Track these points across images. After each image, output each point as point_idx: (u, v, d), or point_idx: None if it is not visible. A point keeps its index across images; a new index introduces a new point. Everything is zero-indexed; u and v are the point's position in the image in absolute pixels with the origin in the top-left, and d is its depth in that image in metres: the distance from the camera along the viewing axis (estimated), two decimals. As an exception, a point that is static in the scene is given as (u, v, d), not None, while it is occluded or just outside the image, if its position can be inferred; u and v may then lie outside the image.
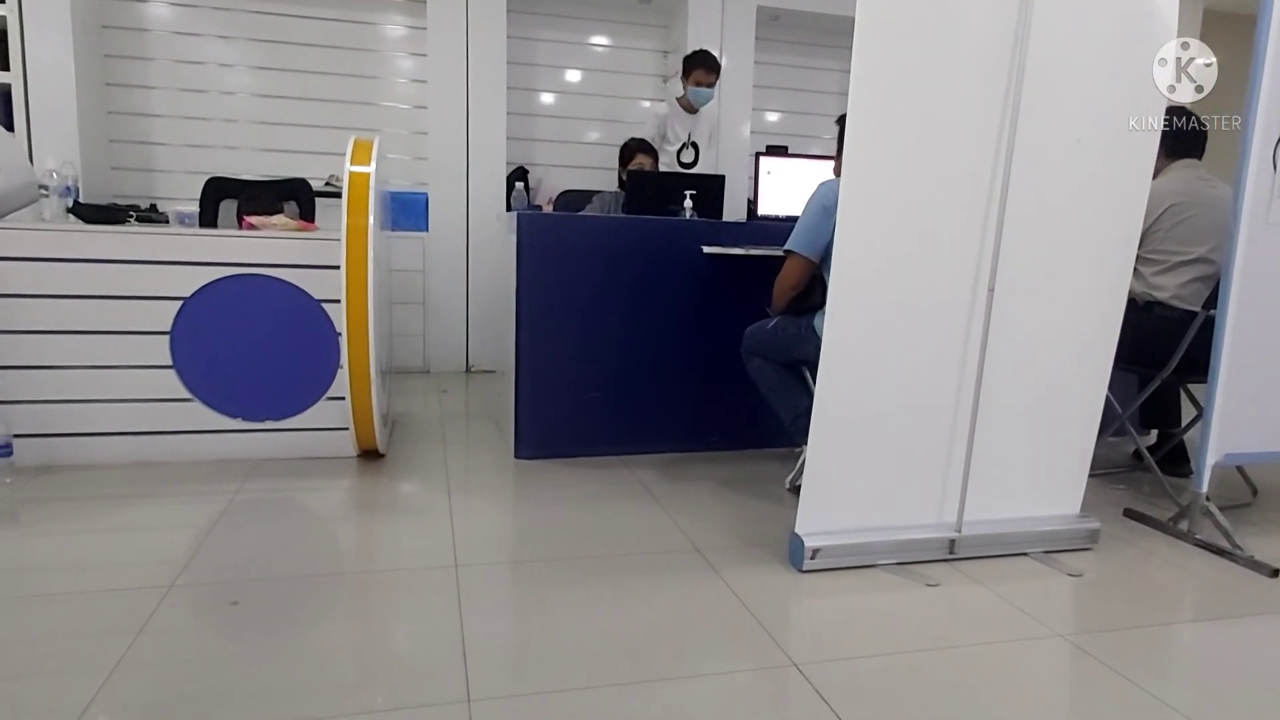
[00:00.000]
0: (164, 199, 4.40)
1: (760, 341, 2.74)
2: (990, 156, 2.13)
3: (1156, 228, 2.86)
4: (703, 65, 4.30)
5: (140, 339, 2.76)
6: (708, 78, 4.31)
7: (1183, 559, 2.40)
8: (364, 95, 4.85)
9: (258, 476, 2.76)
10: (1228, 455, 2.48)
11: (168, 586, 1.95)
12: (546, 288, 3.01)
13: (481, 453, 3.24)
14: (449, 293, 4.82)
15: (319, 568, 2.13)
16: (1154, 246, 2.87)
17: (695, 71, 4.30)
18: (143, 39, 4.54)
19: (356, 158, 2.78)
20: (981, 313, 2.19)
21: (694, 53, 4.38)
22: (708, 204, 3.36)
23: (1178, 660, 1.88)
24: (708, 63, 4.32)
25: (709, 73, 4.31)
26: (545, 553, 2.27)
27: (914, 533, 2.26)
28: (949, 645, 1.83)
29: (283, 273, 2.83)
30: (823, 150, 5.55)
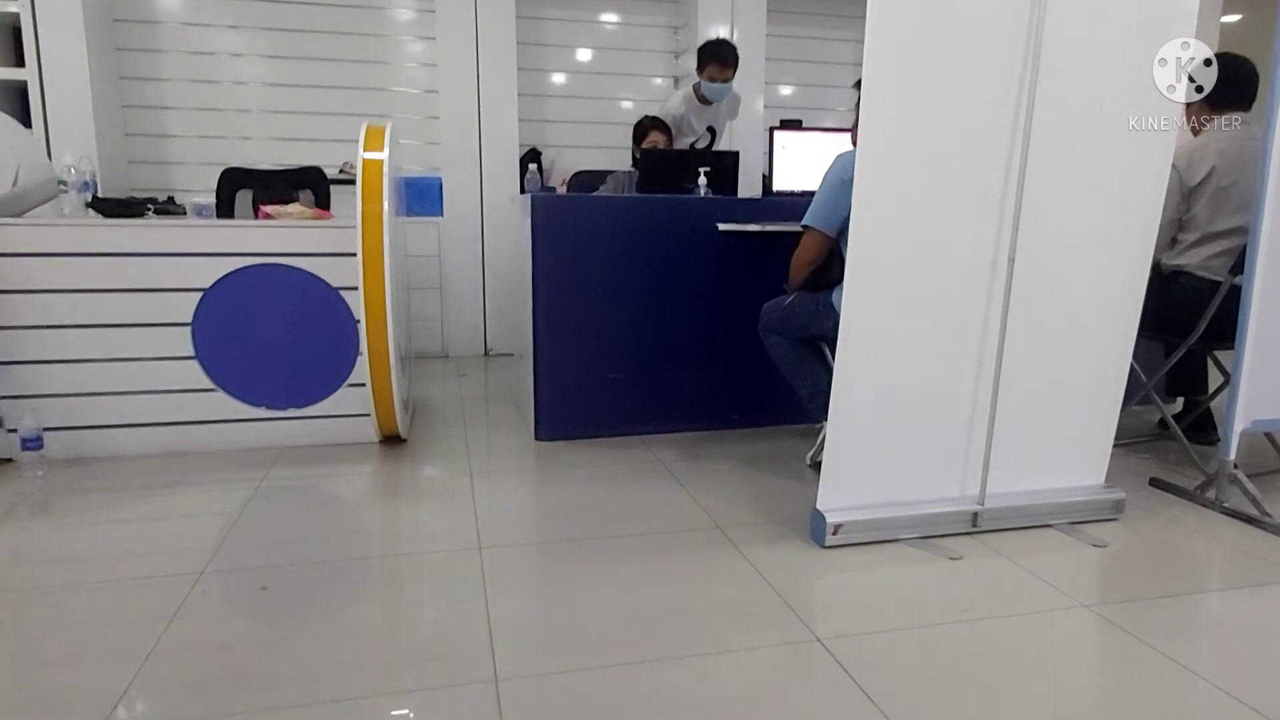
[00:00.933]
0: (180, 191, 4.43)
1: (778, 318, 2.73)
2: (1009, 124, 2.10)
3: (1200, 193, 2.75)
4: (716, 59, 4.09)
5: (163, 330, 2.79)
6: (722, 73, 4.10)
7: (1210, 528, 2.37)
8: (375, 81, 4.85)
9: (282, 464, 2.80)
10: (1255, 422, 2.45)
11: (199, 573, 1.98)
12: (562, 269, 3.01)
13: (502, 435, 3.26)
14: (465, 277, 4.83)
15: (345, 552, 2.15)
16: (1192, 212, 2.79)
17: (709, 66, 4.09)
18: (154, 31, 4.55)
19: (369, 144, 2.78)
20: (1002, 283, 2.17)
21: (707, 44, 4.17)
22: (722, 181, 3.34)
23: (1206, 629, 1.87)
24: (722, 56, 4.10)
25: (723, 68, 4.09)
26: (568, 533, 2.28)
27: (936, 506, 2.26)
28: (973, 618, 1.83)
29: (300, 261, 2.84)
30: (837, 123, 5.49)
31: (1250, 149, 2.72)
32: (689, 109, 4.28)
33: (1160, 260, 2.81)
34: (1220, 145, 2.75)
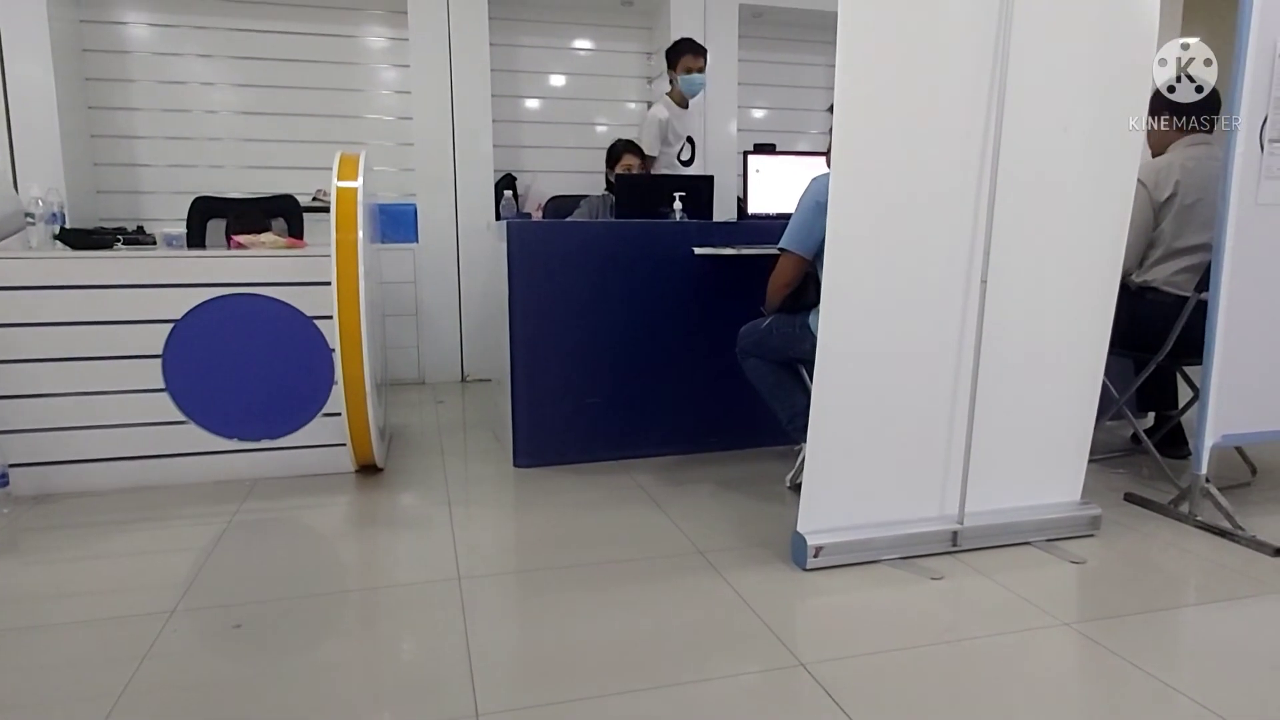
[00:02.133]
0: (151, 220, 4.38)
1: (755, 341, 2.74)
2: (978, 147, 2.13)
3: (1166, 209, 2.81)
4: (689, 51, 4.18)
5: (132, 363, 2.75)
6: (697, 62, 4.18)
7: (1185, 541, 2.40)
8: (348, 109, 4.84)
9: (256, 496, 2.75)
10: (1225, 436, 2.48)
11: (170, 611, 1.94)
12: (539, 295, 3.00)
13: (480, 463, 3.24)
14: (441, 303, 4.81)
15: (321, 586, 2.12)
16: (1159, 228, 2.84)
17: (684, 59, 4.18)
18: (124, 61, 4.52)
19: (343, 173, 2.77)
20: (975, 304, 2.19)
21: (676, 43, 4.27)
22: (698, 205, 3.36)
23: (1184, 644, 1.88)
24: (693, 48, 4.20)
25: (697, 57, 4.18)
26: (548, 561, 2.26)
27: (916, 526, 2.26)
28: (955, 639, 1.83)
29: (273, 291, 2.81)
30: (811, 146, 5.57)
31: (1213, 168, 2.78)
32: (671, 114, 4.34)
33: (1129, 276, 2.86)
34: (1185, 163, 2.82)
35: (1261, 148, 2.35)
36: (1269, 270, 2.42)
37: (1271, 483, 2.93)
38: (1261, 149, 2.35)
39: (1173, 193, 2.78)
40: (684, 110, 4.39)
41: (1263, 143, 2.35)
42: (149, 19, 4.53)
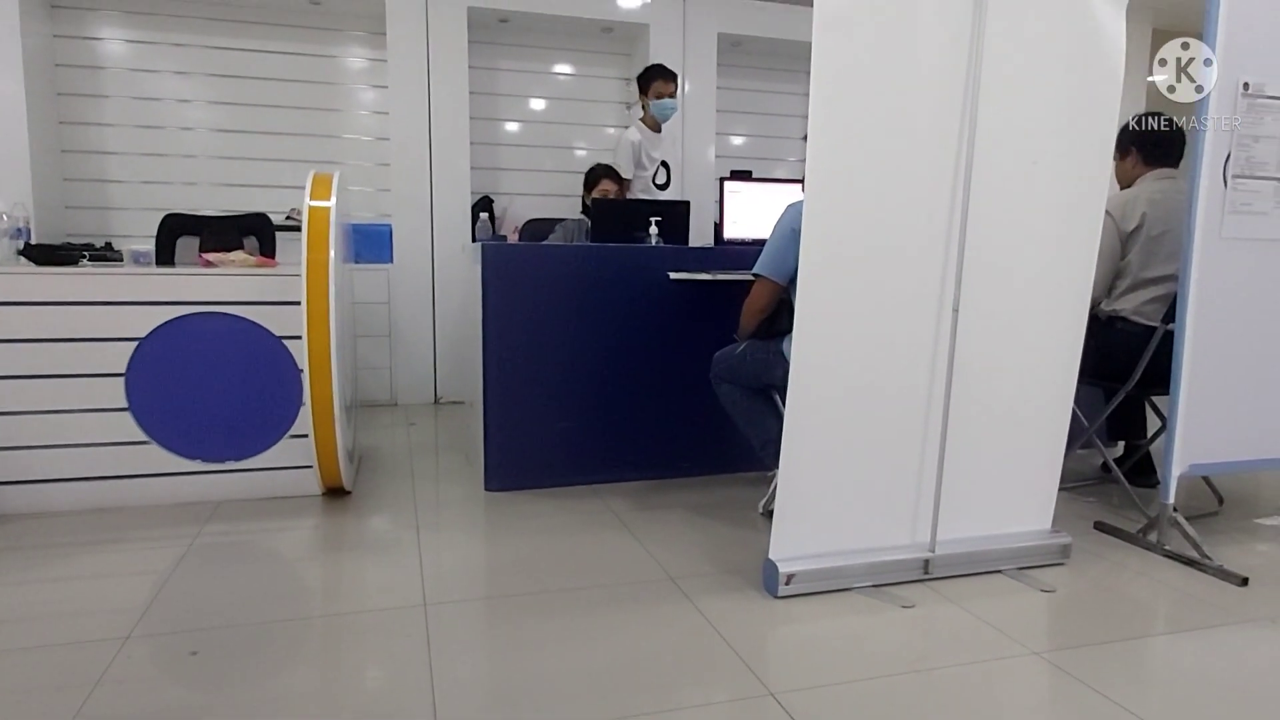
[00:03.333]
0: (121, 237, 4.31)
1: (729, 367, 2.73)
2: (949, 180, 2.15)
3: (1134, 240, 2.85)
4: (659, 77, 4.25)
5: (94, 382, 2.69)
6: (668, 87, 4.25)
7: (1153, 570, 2.41)
8: (325, 128, 4.82)
9: (219, 519, 2.69)
10: (1193, 466, 2.51)
11: (124, 637, 1.88)
12: (513, 318, 2.98)
13: (451, 486, 3.19)
14: (415, 324, 4.77)
15: (282, 612, 2.06)
16: (1126, 259, 2.88)
17: (654, 84, 4.25)
18: (97, 77, 4.48)
19: (316, 192, 2.75)
20: (947, 333, 2.20)
21: (647, 68, 4.33)
22: (673, 230, 3.37)
23: (1152, 674, 1.88)
24: (664, 73, 4.26)
25: (668, 82, 4.25)
26: (516, 587, 2.22)
27: (888, 554, 2.25)
28: (926, 668, 1.82)
29: (242, 310, 2.77)
30: (787, 173, 5.62)
31: (1178, 201, 2.83)
32: (644, 138, 4.37)
33: (1098, 306, 2.90)
34: (1151, 195, 2.87)
35: (1225, 183, 2.40)
36: (1234, 303, 2.46)
37: (1238, 512, 2.96)
38: (1225, 184, 2.40)
39: (1139, 224, 2.83)
40: (657, 135, 4.43)
41: (1226, 178, 2.40)
42: (125, 35, 4.50)
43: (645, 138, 4.38)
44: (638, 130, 4.39)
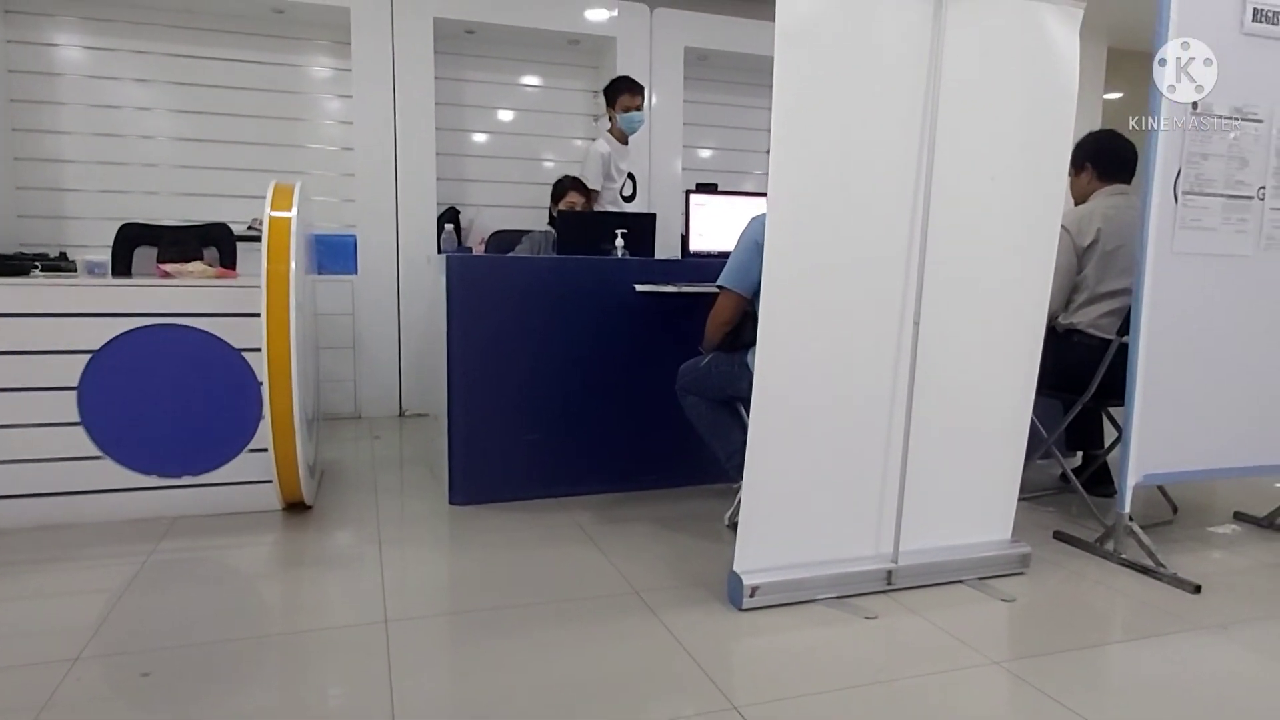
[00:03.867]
0: (76, 247, 4.20)
1: (694, 379, 2.74)
2: (910, 194, 2.18)
3: (1089, 255, 2.91)
4: (626, 90, 4.26)
5: (45, 395, 2.62)
6: (634, 100, 4.26)
7: (1110, 579, 2.45)
8: (290, 138, 4.76)
9: (175, 535, 2.63)
10: (1147, 475, 2.56)
11: (73, 659, 1.83)
12: (478, 330, 2.96)
13: (415, 500, 3.16)
14: (380, 336, 4.72)
15: (238, 631, 2.02)
16: (1083, 273, 2.94)
17: (621, 97, 4.26)
18: (53, 83, 4.39)
19: (277, 203, 2.71)
20: (908, 345, 2.23)
21: (613, 81, 4.35)
22: (639, 242, 3.37)
23: (1108, 682, 1.91)
24: (631, 86, 4.28)
25: (634, 95, 4.26)
26: (480, 603, 2.20)
27: (852, 565, 2.27)
28: (887, 679, 1.83)
29: (199, 322, 2.72)
30: (755, 185, 5.65)
31: (1132, 216, 2.89)
32: (613, 150, 4.38)
33: (1055, 319, 2.95)
34: (1106, 211, 2.93)
35: (1176, 199, 2.46)
36: (1186, 316, 2.52)
37: (1192, 521, 3.03)
38: (1176, 200, 2.46)
39: (1095, 239, 2.89)
40: (625, 147, 4.44)
41: (1177, 195, 2.46)
42: (83, 42, 4.41)
43: (614, 149, 4.39)
44: (606, 142, 4.40)
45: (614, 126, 4.38)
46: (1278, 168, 2.57)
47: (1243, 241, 2.57)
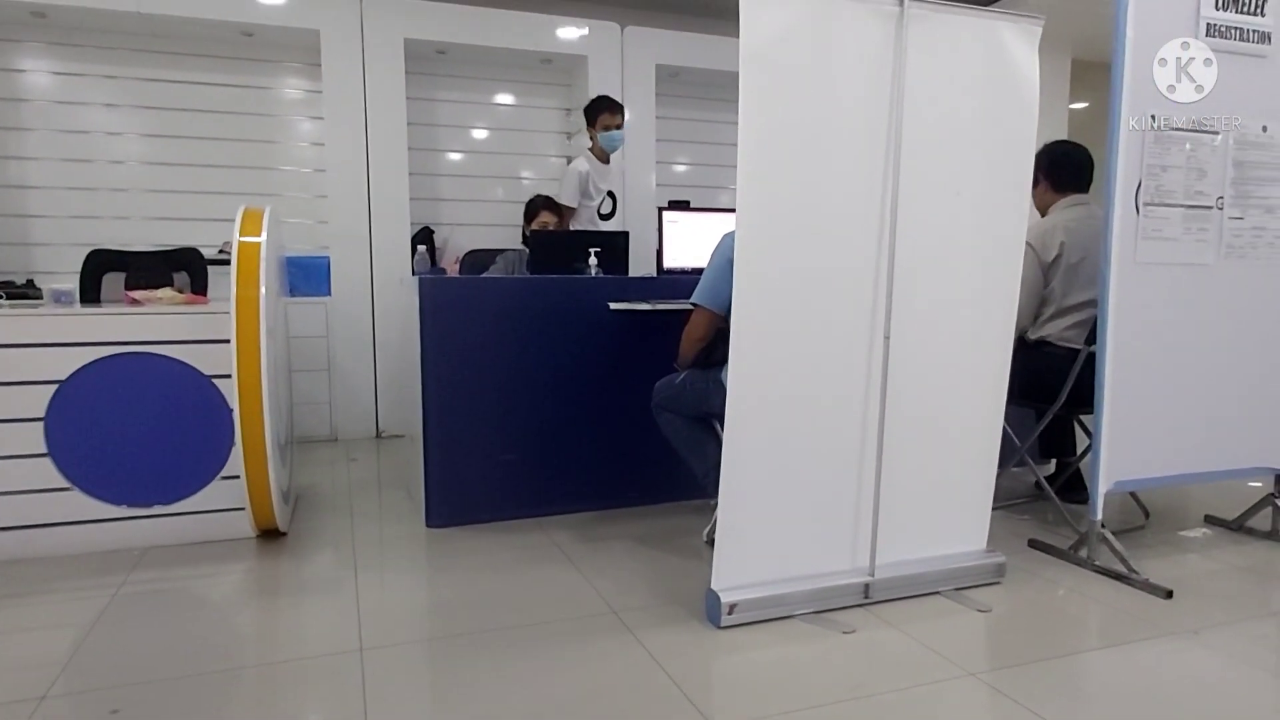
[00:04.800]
0: (43, 274, 4.17)
1: (670, 396, 2.74)
2: (877, 209, 2.21)
3: (1055, 269, 2.95)
4: (606, 109, 4.30)
5: (10, 427, 2.57)
6: (614, 119, 4.30)
7: (1084, 586, 2.47)
8: (261, 160, 4.74)
9: (145, 566, 2.59)
10: (1118, 483, 2.59)
11: (40, 698, 1.80)
12: (452, 351, 2.96)
13: (391, 524, 3.13)
14: (355, 357, 4.68)
15: (210, 664, 1.99)
16: (1050, 287, 2.98)
17: (601, 116, 4.29)
18: (19, 109, 4.34)
19: (246, 228, 2.69)
20: (879, 359, 2.25)
21: (593, 101, 4.38)
22: (613, 260, 3.38)
23: (1083, 690, 1.92)
24: (610, 105, 4.31)
25: (614, 114, 4.30)
26: (457, 628, 2.18)
27: (829, 580, 2.27)
28: (865, 694, 1.83)
29: (169, 349, 2.68)
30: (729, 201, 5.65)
31: (1093, 227, 2.94)
32: (592, 168, 4.40)
33: (1025, 334, 2.99)
34: (1068, 224, 2.98)
35: (1137, 210, 2.50)
36: (1150, 324, 2.56)
37: (1164, 525, 3.07)
38: (1137, 212, 2.50)
39: (1059, 253, 2.94)
40: (605, 165, 4.47)
41: (1138, 206, 2.50)
42: (51, 67, 4.38)
43: (594, 168, 4.42)
44: (586, 160, 4.42)
45: (595, 145, 4.41)
46: (1235, 178, 2.62)
47: (1203, 250, 2.62)
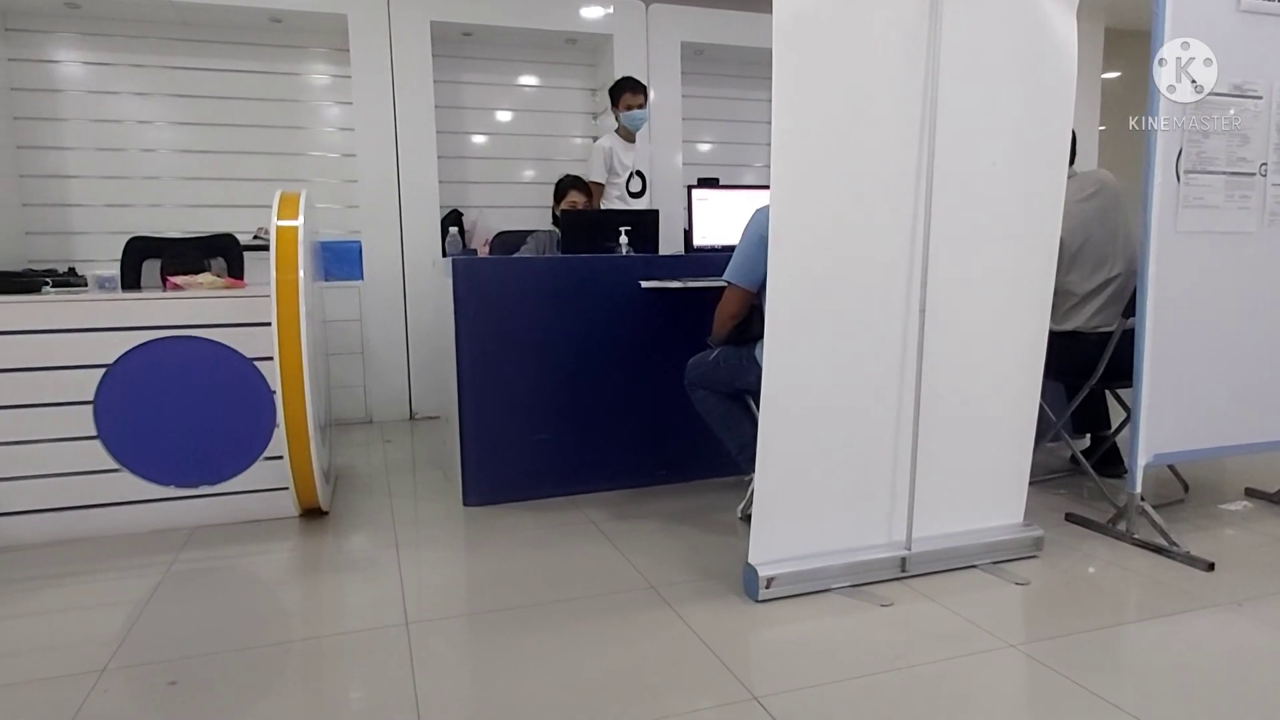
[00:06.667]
0: (83, 261, 4.26)
1: (703, 373, 2.75)
2: (912, 183, 2.19)
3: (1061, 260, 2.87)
4: (628, 89, 4.37)
5: (61, 410, 2.65)
6: (636, 99, 4.37)
7: (1123, 559, 2.46)
8: (291, 146, 4.79)
9: (194, 545, 2.66)
10: (1157, 455, 2.57)
11: (100, 670, 1.86)
12: (486, 332, 2.98)
13: (429, 502, 3.18)
14: (388, 340, 4.74)
15: (262, 638, 2.05)
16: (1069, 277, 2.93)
17: (623, 96, 4.37)
18: (55, 100, 4.41)
19: (283, 211, 2.73)
20: (915, 333, 2.24)
21: (616, 82, 4.44)
22: (643, 238, 3.38)
23: (1126, 662, 1.92)
24: (633, 86, 4.39)
25: (636, 94, 4.37)
26: (498, 602, 2.22)
27: (865, 554, 2.28)
28: (906, 665, 1.84)
29: (211, 333, 2.74)
30: (755, 178, 5.67)
31: (1085, 209, 2.89)
32: (616, 146, 4.47)
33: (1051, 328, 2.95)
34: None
35: (1178, 179, 2.46)
36: (1191, 294, 2.53)
37: (1204, 499, 3.03)
38: (1178, 180, 2.46)
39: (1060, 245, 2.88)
40: (630, 144, 4.52)
41: (1179, 174, 2.46)
42: (83, 57, 4.44)
43: (618, 146, 4.49)
44: (610, 138, 4.49)
45: (620, 125, 4.44)
46: (1279, 143, 2.57)
47: (1246, 218, 2.57)
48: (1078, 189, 2.91)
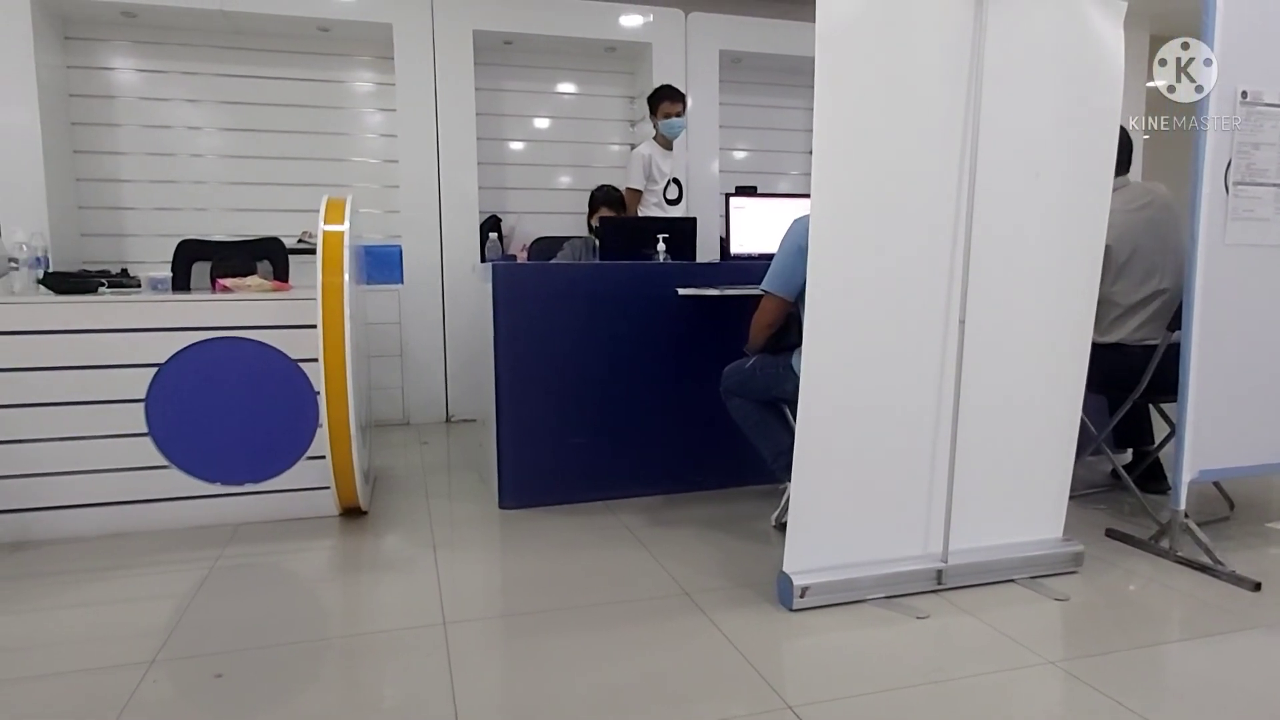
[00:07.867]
0: (135, 263, 4.37)
1: (739, 381, 2.76)
2: (953, 193, 2.18)
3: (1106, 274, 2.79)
4: (667, 98, 4.41)
5: (114, 408, 2.73)
6: (674, 107, 4.41)
7: (1166, 577, 2.42)
8: (334, 152, 4.89)
9: (238, 541, 2.72)
10: (1203, 471, 2.52)
11: (149, 662, 1.91)
12: (524, 337, 3.02)
13: (465, 504, 3.22)
14: (426, 344, 4.81)
15: (304, 633, 2.09)
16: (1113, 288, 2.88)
17: (662, 105, 4.40)
18: (110, 106, 4.55)
19: (330, 216, 2.79)
20: (954, 344, 2.23)
21: (655, 90, 4.47)
22: (681, 247, 3.40)
23: (1167, 682, 1.89)
24: (672, 94, 4.42)
25: (675, 102, 4.41)
26: (534, 605, 2.25)
27: (901, 565, 2.27)
28: (942, 679, 1.83)
29: (258, 334, 2.81)
30: (791, 186, 5.66)
31: (1133, 219, 2.83)
32: (655, 154, 4.50)
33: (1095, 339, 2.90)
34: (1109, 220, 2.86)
35: (1227, 190, 2.42)
36: (1239, 308, 2.48)
37: (1249, 517, 2.97)
38: (1227, 191, 2.42)
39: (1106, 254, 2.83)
40: (668, 152, 4.54)
41: (1228, 185, 2.42)
42: (136, 65, 4.58)
43: (657, 154, 4.52)
44: (649, 145, 4.53)
45: (658, 133, 4.48)
46: (1333, 156, 2.51)
47: (1298, 232, 2.52)
48: (1129, 199, 2.87)
